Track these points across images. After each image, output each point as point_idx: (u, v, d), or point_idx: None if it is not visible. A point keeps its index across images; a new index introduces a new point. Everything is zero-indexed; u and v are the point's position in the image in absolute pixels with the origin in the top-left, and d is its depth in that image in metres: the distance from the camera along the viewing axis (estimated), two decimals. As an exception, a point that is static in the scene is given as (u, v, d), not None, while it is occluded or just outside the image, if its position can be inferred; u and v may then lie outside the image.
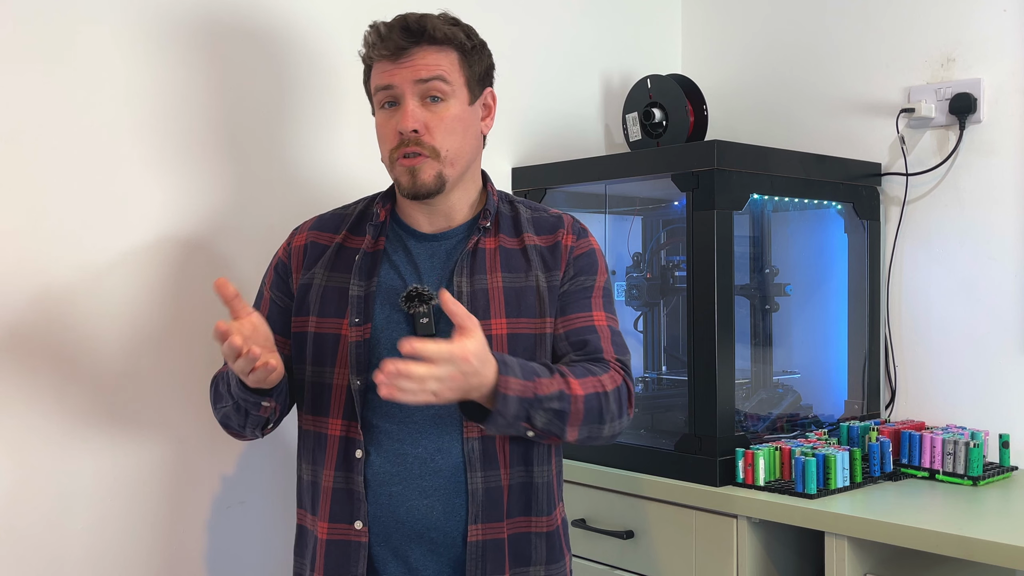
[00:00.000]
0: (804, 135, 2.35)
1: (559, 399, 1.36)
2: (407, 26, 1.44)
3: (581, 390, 1.39)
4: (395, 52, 1.43)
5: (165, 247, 1.74)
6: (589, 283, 1.52)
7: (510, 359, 1.35)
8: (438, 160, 1.45)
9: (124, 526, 1.70)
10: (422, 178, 1.44)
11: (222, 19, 1.82)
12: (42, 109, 1.61)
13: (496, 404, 1.31)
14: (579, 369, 1.42)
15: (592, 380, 1.41)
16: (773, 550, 1.80)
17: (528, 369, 1.35)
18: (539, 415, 1.35)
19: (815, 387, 2.28)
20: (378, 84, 1.47)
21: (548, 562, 1.50)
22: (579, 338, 1.48)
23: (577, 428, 1.40)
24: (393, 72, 1.44)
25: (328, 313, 1.48)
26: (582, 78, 2.46)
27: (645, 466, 1.94)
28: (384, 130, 1.48)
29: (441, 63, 1.44)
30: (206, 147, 1.80)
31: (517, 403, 1.32)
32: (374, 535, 1.43)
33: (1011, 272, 2.04)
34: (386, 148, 1.48)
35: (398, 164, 1.46)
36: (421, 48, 1.44)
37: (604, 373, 1.44)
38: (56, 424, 1.63)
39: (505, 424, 1.33)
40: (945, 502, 1.74)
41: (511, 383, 1.31)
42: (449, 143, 1.45)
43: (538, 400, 1.34)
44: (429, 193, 1.46)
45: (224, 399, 1.46)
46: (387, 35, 1.44)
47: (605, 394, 1.42)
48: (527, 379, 1.33)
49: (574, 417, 1.38)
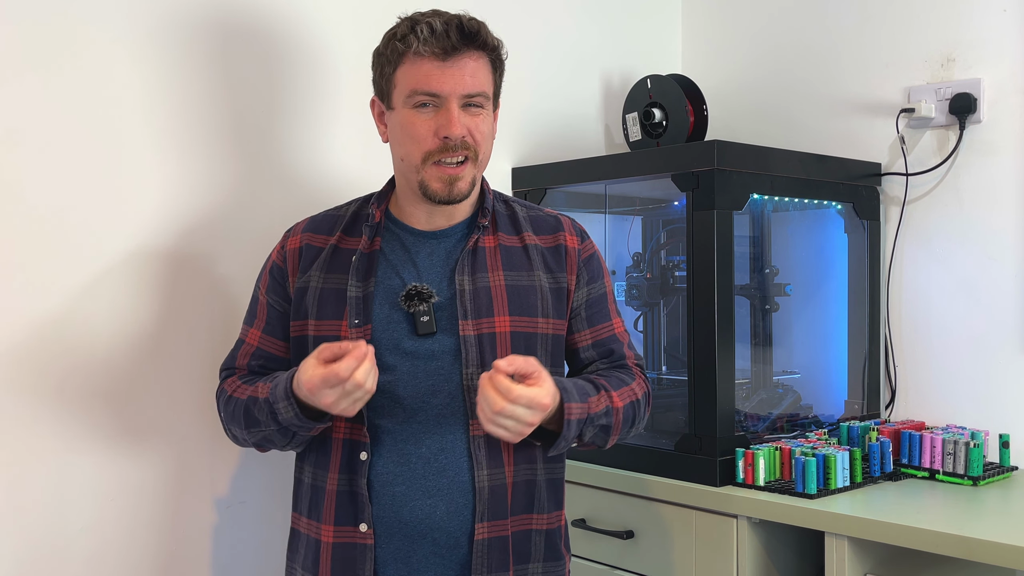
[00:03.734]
0: (804, 135, 2.35)
1: (606, 415, 1.46)
2: (462, 27, 1.40)
3: (620, 402, 1.49)
4: (447, 52, 1.39)
5: (165, 248, 1.74)
6: (602, 289, 1.58)
7: (568, 384, 1.43)
8: (475, 165, 1.46)
9: (124, 526, 1.70)
10: (460, 187, 1.44)
11: (221, 19, 1.81)
12: (41, 111, 1.61)
13: (562, 430, 1.40)
14: (614, 380, 1.51)
15: (627, 390, 1.51)
16: (773, 550, 1.80)
17: (582, 390, 1.44)
18: (589, 431, 1.45)
19: (815, 387, 2.28)
20: (420, 87, 1.41)
21: (547, 559, 1.51)
22: (606, 348, 1.57)
23: (616, 436, 1.50)
24: (440, 77, 1.40)
25: (326, 315, 1.47)
26: (582, 78, 2.46)
27: (645, 466, 1.94)
28: (419, 130, 1.42)
29: (482, 74, 1.43)
30: (205, 148, 1.79)
31: (577, 425, 1.42)
32: (377, 537, 1.43)
33: (1011, 272, 2.04)
34: (419, 149, 1.43)
35: (432, 169, 1.43)
36: (470, 53, 1.41)
37: (633, 381, 1.54)
38: (56, 424, 1.62)
39: (566, 444, 1.43)
40: (945, 502, 1.74)
41: (573, 409, 1.41)
42: (487, 148, 1.48)
43: (591, 419, 1.44)
44: (462, 199, 1.46)
45: (265, 425, 1.42)
46: (442, 33, 1.38)
47: (637, 401, 1.53)
48: (583, 401, 1.43)
49: (616, 428, 1.49)
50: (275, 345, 1.53)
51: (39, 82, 1.60)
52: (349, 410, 1.33)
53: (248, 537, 1.84)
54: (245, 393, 1.46)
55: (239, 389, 1.49)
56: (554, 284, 1.52)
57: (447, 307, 1.45)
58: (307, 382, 1.31)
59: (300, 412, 1.37)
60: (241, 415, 1.46)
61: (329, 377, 1.29)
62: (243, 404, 1.46)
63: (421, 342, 1.44)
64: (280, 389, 1.38)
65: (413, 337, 1.44)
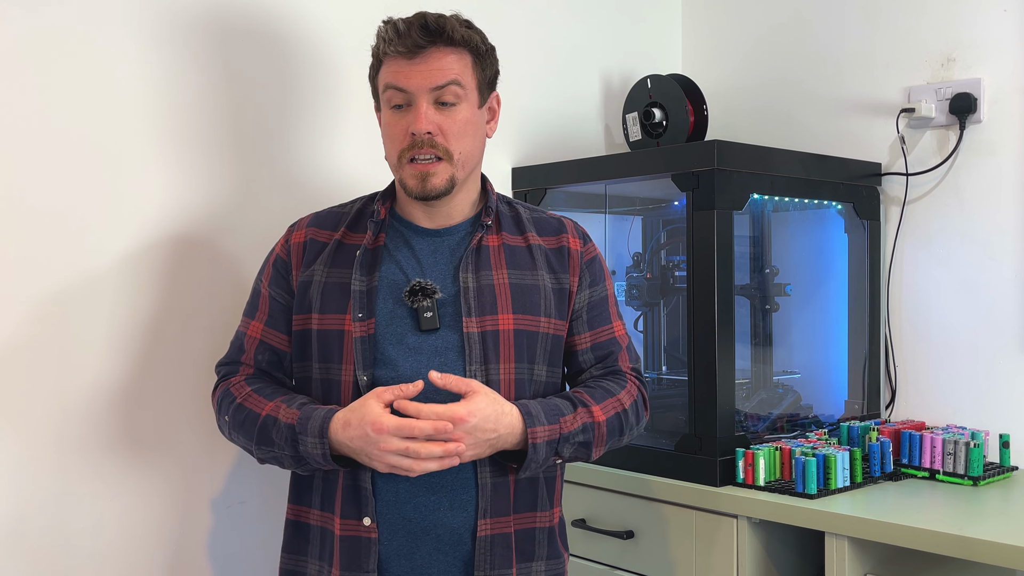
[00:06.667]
0: (804, 135, 2.35)
1: (583, 431, 1.45)
2: (426, 24, 1.43)
3: (603, 415, 1.47)
4: (411, 50, 1.42)
5: (168, 247, 1.74)
6: (604, 292, 1.58)
7: (533, 406, 1.42)
8: (451, 163, 1.45)
9: (124, 526, 1.69)
10: (433, 183, 1.45)
11: (225, 18, 1.81)
12: (43, 109, 1.61)
13: (528, 453, 1.39)
14: (599, 392, 1.50)
15: (612, 401, 1.50)
16: (773, 550, 1.80)
17: (551, 411, 1.44)
18: (566, 448, 1.44)
19: (815, 387, 2.28)
20: (390, 83, 1.45)
21: (549, 558, 1.51)
22: (604, 351, 1.57)
23: (601, 448, 1.49)
24: (408, 73, 1.43)
25: (330, 309, 1.47)
26: (582, 78, 2.46)
27: (645, 466, 1.94)
28: (393, 130, 1.47)
29: (455, 66, 1.44)
30: (209, 147, 1.79)
31: (545, 447, 1.41)
32: (381, 532, 1.43)
33: (1011, 272, 2.04)
34: (395, 148, 1.47)
35: (407, 167, 1.46)
36: (437, 49, 1.43)
37: (622, 389, 1.53)
38: (56, 424, 1.62)
39: (537, 466, 1.42)
40: (945, 502, 1.74)
41: (538, 432, 1.41)
42: (461, 146, 1.46)
43: (564, 438, 1.43)
44: (439, 195, 1.46)
45: (275, 447, 1.41)
46: (405, 32, 1.42)
47: (624, 411, 1.51)
48: (552, 423, 1.42)
49: (598, 441, 1.48)
50: (278, 338, 1.53)
51: (42, 80, 1.60)
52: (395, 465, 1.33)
53: (248, 537, 1.84)
54: (262, 408, 1.45)
55: (251, 398, 1.47)
56: (557, 285, 1.53)
57: (450, 304, 1.46)
58: (382, 425, 1.31)
59: (328, 453, 1.37)
60: (254, 430, 1.44)
61: (403, 428, 1.31)
62: (258, 419, 1.44)
63: (424, 338, 1.45)
64: (314, 425, 1.38)
65: (416, 333, 1.45)
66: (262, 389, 1.49)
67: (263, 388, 1.49)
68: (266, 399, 1.46)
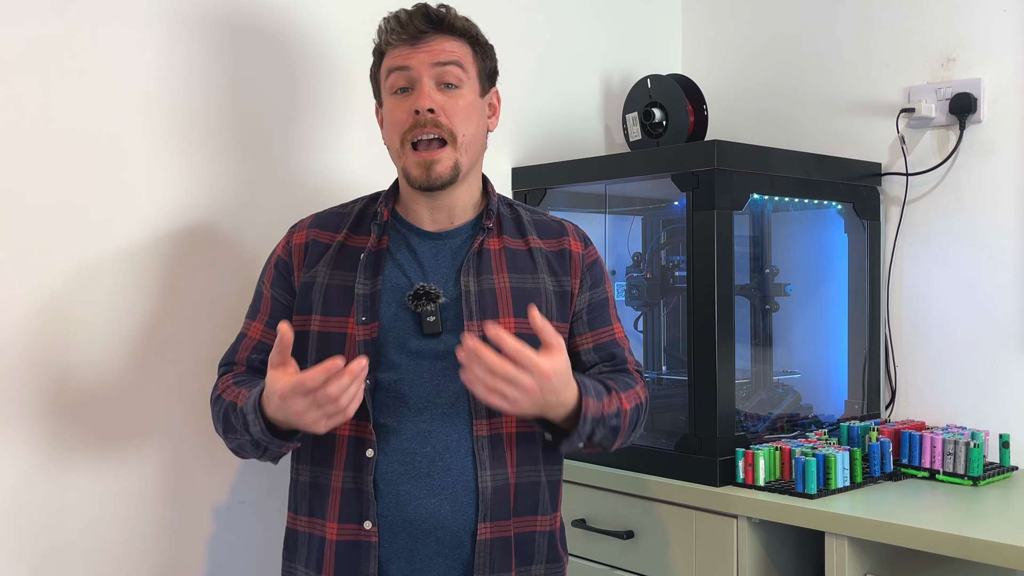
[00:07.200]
0: (804, 135, 2.35)
1: (617, 416, 1.46)
2: (428, 13, 1.46)
3: (628, 404, 1.49)
4: (415, 36, 1.45)
5: (169, 246, 1.74)
6: (604, 295, 1.59)
7: (587, 381, 1.43)
8: (455, 147, 1.45)
9: (124, 526, 1.70)
10: (437, 170, 1.45)
11: (229, 18, 1.81)
12: (46, 108, 1.61)
13: (578, 425, 1.39)
14: (621, 382, 1.52)
15: (632, 393, 1.52)
16: (773, 550, 1.80)
17: (598, 389, 1.44)
18: (599, 431, 1.44)
19: (815, 387, 2.28)
20: (393, 65, 1.46)
21: (548, 561, 1.51)
22: (607, 352, 1.57)
23: (622, 439, 1.50)
24: (410, 55, 1.45)
25: (332, 312, 1.47)
26: (582, 78, 2.46)
27: (645, 466, 1.94)
28: (396, 114, 1.46)
29: (457, 50, 1.47)
30: (210, 147, 1.79)
31: (592, 423, 1.41)
32: (381, 535, 1.43)
33: (1011, 272, 2.04)
34: (397, 133, 1.46)
35: (410, 154, 1.45)
36: (440, 35, 1.46)
37: (637, 385, 1.55)
38: (56, 423, 1.62)
39: (578, 440, 1.42)
40: (945, 502, 1.74)
41: (591, 405, 1.40)
42: (465, 128, 1.47)
43: (604, 419, 1.43)
44: (444, 184, 1.46)
45: (240, 433, 1.41)
46: (407, 21, 1.45)
47: (641, 405, 1.54)
48: (599, 399, 1.42)
49: (623, 430, 1.48)
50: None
51: (45, 78, 1.60)
52: (319, 425, 1.30)
53: (248, 537, 1.84)
54: (231, 396, 1.46)
55: (228, 390, 1.48)
56: (558, 287, 1.53)
57: (452, 308, 1.46)
58: (280, 390, 1.29)
59: (265, 428, 1.36)
60: (222, 418, 1.46)
61: (297, 386, 1.27)
62: (226, 407, 1.45)
63: (427, 342, 1.45)
64: (250, 402, 1.37)
65: (419, 337, 1.45)
66: (242, 381, 1.48)
67: (243, 380, 1.49)
68: (239, 387, 1.46)
